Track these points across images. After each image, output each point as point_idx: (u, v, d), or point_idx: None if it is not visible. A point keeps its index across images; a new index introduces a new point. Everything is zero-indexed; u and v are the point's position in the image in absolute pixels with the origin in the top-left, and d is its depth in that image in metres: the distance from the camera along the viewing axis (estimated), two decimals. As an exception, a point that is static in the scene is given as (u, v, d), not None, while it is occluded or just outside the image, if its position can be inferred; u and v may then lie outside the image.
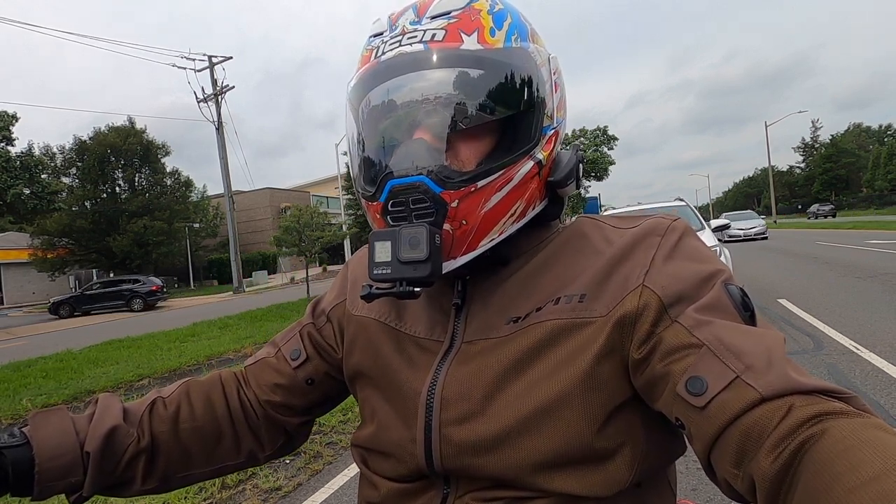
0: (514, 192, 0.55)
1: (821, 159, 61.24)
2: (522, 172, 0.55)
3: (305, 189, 46.29)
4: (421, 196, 0.52)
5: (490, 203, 0.54)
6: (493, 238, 0.55)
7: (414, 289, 0.52)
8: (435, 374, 0.58)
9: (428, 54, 0.54)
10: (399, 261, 0.51)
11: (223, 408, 0.69)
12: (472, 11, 0.56)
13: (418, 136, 0.55)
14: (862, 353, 4.02)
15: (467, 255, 0.55)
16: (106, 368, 6.49)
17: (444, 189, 0.52)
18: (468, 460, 0.54)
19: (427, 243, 0.50)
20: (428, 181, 0.52)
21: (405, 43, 0.55)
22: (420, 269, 0.51)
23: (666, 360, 0.47)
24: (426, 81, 0.54)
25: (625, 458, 0.52)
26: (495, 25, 0.56)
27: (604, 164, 31.55)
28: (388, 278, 0.53)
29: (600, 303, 0.53)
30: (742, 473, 0.41)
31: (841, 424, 0.37)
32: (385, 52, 0.56)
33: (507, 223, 0.56)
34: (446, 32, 0.54)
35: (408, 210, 0.53)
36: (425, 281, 0.52)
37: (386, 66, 0.56)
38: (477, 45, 0.54)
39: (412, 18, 0.57)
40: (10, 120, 20.74)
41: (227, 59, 22.09)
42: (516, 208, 0.56)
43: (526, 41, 0.58)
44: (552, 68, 0.60)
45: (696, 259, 0.53)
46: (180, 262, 33.47)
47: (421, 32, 0.55)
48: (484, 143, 0.56)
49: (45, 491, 0.57)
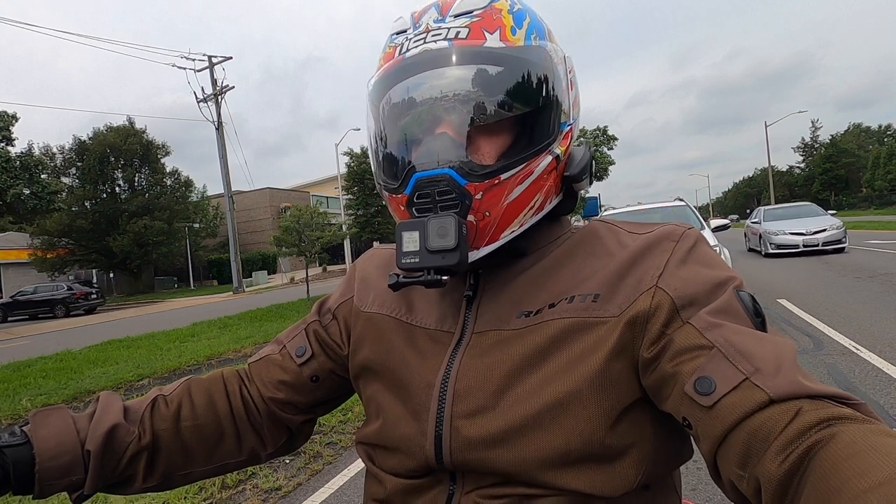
0: (533, 185, 0.57)
1: (820, 159, 61.22)
2: (542, 166, 0.57)
3: (305, 189, 46.27)
4: (447, 188, 0.54)
5: (512, 195, 0.55)
6: (513, 230, 0.57)
7: (441, 277, 0.53)
8: (448, 366, 0.58)
9: (452, 51, 0.55)
10: (427, 250, 0.53)
11: (225, 405, 0.70)
12: (494, 10, 0.58)
13: (442, 130, 0.56)
14: (861, 353, 4.02)
15: (490, 245, 0.56)
16: (106, 368, 6.49)
17: (469, 181, 0.54)
18: (478, 454, 0.54)
19: (455, 232, 0.52)
20: (453, 173, 0.54)
21: (430, 40, 0.56)
22: (448, 257, 0.52)
23: (675, 360, 0.48)
24: (450, 77, 0.56)
25: (633, 458, 0.52)
26: (516, 24, 0.58)
27: (603, 164, 31.56)
28: (416, 267, 0.54)
29: (613, 303, 0.53)
30: (748, 475, 0.41)
31: (849, 429, 0.37)
32: (410, 48, 0.57)
33: (527, 216, 0.58)
34: (470, 30, 0.56)
35: (433, 202, 0.55)
36: (453, 269, 0.53)
37: (411, 62, 0.57)
38: (499, 43, 0.56)
39: (436, 17, 0.59)
40: (10, 120, 20.73)
41: (227, 59, 22.09)
42: (536, 201, 0.58)
43: (544, 40, 0.60)
44: (568, 67, 0.62)
45: (710, 265, 0.54)
46: (180, 262, 33.47)
47: (445, 30, 0.57)
48: (504, 139, 0.57)
49: (46, 489, 0.57)
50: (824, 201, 53.37)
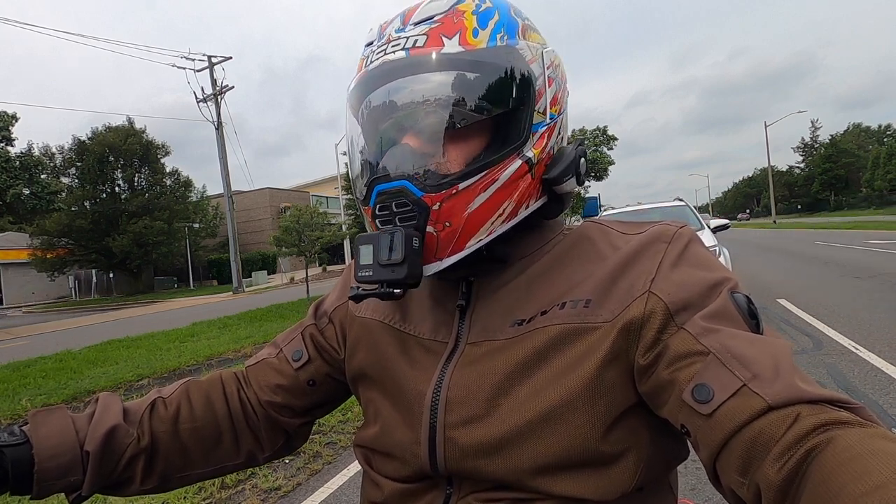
0: (500, 192, 0.55)
1: (820, 159, 61.20)
2: (509, 172, 0.55)
3: (305, 189, 46.25)
4: (403, 200, 0.54)
5: (475, 204, 0.54)
6: (480, 238, 0.55)
7: (394, 290, 0.53)
8: (440, 376, 0.58)
9: (408, 61, 0.55)
10: (379, 264, 0.53)
11: (223, 408, 0.69)
12: (456, 13, 0.56)
13: (404, 140, 0.56)
14: (861, 353, 4.03)
15: (454, 255, 0.55)
16: (105, 368, 6.49)
17: (425, 193, 0.53)
18: (472, 463, 0.54)
19: (402, 246, 0.52)
20: (409, 185, 0.54)
21: (390, 51, 0.56)
22: (397, 271, 0.53)
23: (672, 367, 0.47)
24: (407, 88, 0.56)
25: (629, 462, 0.52)
26: (479, 25, 0.56)
27: (603, 164, 31.53)
28: (369, 280, 0.55)
29: (606, 308, 0.53)
30: (748, 482, 0.41)
31: (847, 434, 0.37)
32: (373, 61, 0.58)
33: (496, 223, 0.56)
34: (427, 37, 0.55)
35: (392, 214, 0.55)
36: (403, 283, 0.53)
37: (371, 75, 0.57)
38: (458, 48, 0.54)
39: (398, 26, 0.58)
40: (10, 120, 20.72)
41: (227, 59, 22.07)
42: (504, 208, 0.56)
43: (514, 38, 0.58)
44: (546, 63, 0.59)
45: (703, 266, 0.53)
46: (180, 262, 33.43)
47: (404, 39, 0.56)
48: (472, 144, 0.56)
49: (45, 490, 0.57)
50: (824, 201, 53.38)
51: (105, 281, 32.63)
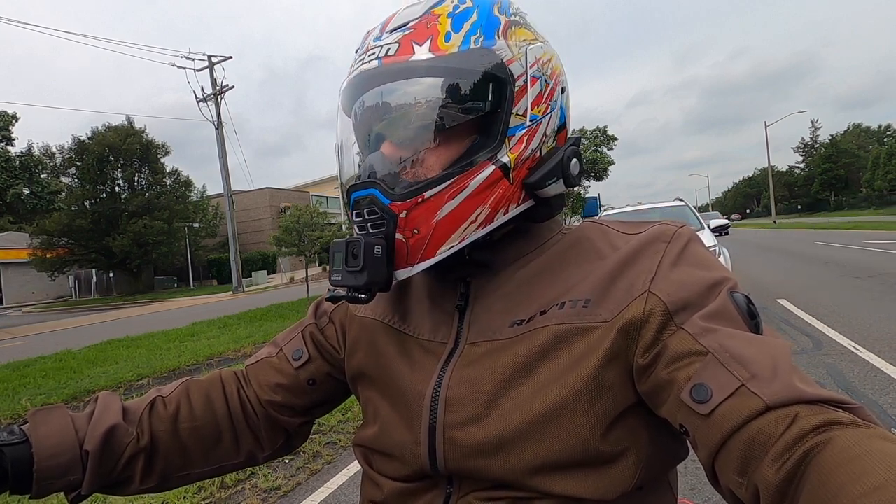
0: (471, 199, 0.54)
1: (820, 159, 61.20)
2: (480, 178, 0.54)
3: (305, 189, 46.24)
4: (373, 208, 0.55)
5: (443, 212, 0.54)
6: (452, 245, 0.55)
7: (359, 295, 0.55)
8: (439, 377, 0.58)
9: (378, 70, 0.55)
10: (346, 269, 0.55)
11: (223, 408, 0.69)
12: (431, 18, 0.55)
13: (376, 149, 0.58)
14: (861, 353, 4.03)
15: (424, 262, 0.55)
16: (105, 368, 6.49)
17: (392, 201, 0.54)
18: (472, 463, 0.54)
19: (363, 254, 0.53)
20: (377, 193, 0.55)
21: (366, 61, 0.56)
22: (359, 277, 0.54)
23: (671, 366, 0.47)
24: (378, 98, 0.57)
25: (628, 462, 0.52)
26: (452, 29, 0.55)
27: (603, 164, 31.54)
28: (338, 284, 0.56)
29: (605, 308, 0.52)
30: (746, 482, 0.41)
31: (846, 434, 0.37)
32: (354, 69, 0.58)
33: (469, 230, 0.55)
34: (399, 45, 0.55)
35: (364, 221, 0.56)
36: (366, 288, 0.55)
37: (349, 84, 0.59)
38: (427, 55, 0.54)
39: (376, 34, 0.58)
40: (10, 120, 20.73)
41: (227, 58, 22.06)
42: (478, 215, 0.55)
43: (491, 38, 0.55)
44: (529, 61, 0.57)
45: (702, 266, 0.53)
46: (180, 262, 33.43)
47: (378, 48, 0.56)
48: (442, 151, 0.55)
49: (44, 489, 0.57)
50: (824, 201, 53.37)
51: (105, 281, 32.65)
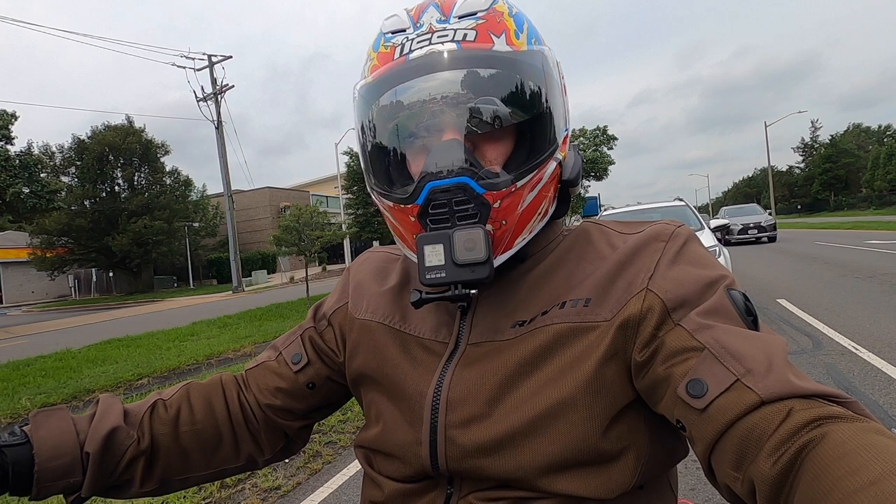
0: (542, 191, 0.56)
1: (820, 159, 61.17)
2: (548, 173, 0.56)
3: (305, 188, 46.24)
4: (464, 197, 0.52)
5: (525, 203, 0.55)
6: (524, 237, 0.56)
7: (470, 291, 0.52)
8: (440, 376, 0.58)
9: (462, 54, 0.53)
10: (455, 263, 0.51)
11: (223, 411, 0.69)
12: (496, 13, 0.56)
13: (452, 136, 0.54)
14: (860, 353, 4.03)
15: (506, 254, 0.55)
16: (105, 368, 6.48)
17: (487, 190, 0.52)
18: (473, 462, 0.54)
19: (485, 244, 0.51)
20: (472, 182, 0.52)
21: (436, 41, 0.54)
22: (479, 270, 0.51)
23: (667, 362, 0.48)
24: (460, 82, 0.54)
25: (628, 460, 0.52)
26: (517, 28, 0.56)
27: (603, 164, 31.54)
28: (443, 282, 0.52)
29: (605, 307, 0.53)
30: (742, 476, 0.41)
31: (840, 428, 0.37)
32: (413, 49, 0.55)
33: (536, 222, 0.57)
34: (477, 33, 0.54)
35: (451, 212, 0.53)
36: (483, 282, 0.52)
37: (417, 64, 0.54)
38: (507, 47, 0.55)
39: (438, 17, 0.56)
40: (10, 119, 20.70)
41: (227, 58, 22.04)
42: (543, 207, 0.58)
43: (542, 45, 0.59)
44: (560, 73, 0.61)
45: (700, 264, 0.54)
46: (180, 262, 33.43)
47: (451, 31, 0.54)
48: (508, 145, 0.56)
49: (44, 491, 0.57)
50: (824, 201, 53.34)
51: (105, 280, 32.64)
